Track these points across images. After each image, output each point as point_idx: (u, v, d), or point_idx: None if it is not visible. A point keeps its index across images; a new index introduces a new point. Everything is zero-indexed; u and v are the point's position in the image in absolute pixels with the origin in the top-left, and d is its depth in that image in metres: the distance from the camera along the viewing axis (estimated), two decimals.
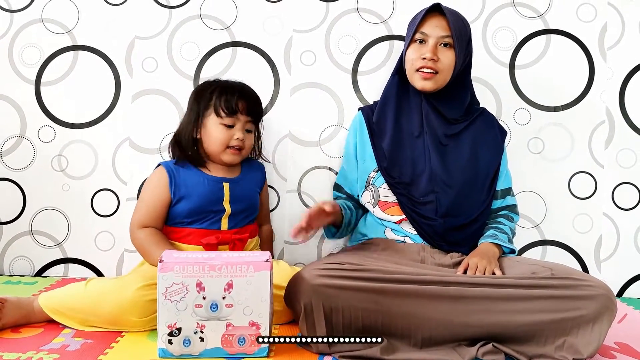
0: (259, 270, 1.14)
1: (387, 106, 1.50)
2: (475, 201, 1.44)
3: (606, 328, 1.17)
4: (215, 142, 1.42)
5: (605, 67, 1.72)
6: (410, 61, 1.44)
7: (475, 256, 1.30)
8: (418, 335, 1.19)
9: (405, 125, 1.47)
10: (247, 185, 1.49)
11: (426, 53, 1.41)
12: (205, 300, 1.14)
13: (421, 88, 1.44)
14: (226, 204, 1.43)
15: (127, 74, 1.71)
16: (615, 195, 1.73)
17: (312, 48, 1.71)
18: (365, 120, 1.53)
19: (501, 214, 1.48)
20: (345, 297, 1.16)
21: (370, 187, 1.47)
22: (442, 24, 1.41)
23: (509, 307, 1.17)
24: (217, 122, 1.42)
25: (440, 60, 1.41)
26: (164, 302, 1.14)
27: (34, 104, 1.71)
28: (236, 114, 1.42)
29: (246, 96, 1.44)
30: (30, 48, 1.71)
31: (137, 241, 1.40)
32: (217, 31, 1.71)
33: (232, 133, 1.42)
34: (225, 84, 1.46)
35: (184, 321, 1.14)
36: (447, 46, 1.41)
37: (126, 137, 1.71)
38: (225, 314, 1.15)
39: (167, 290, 1.14)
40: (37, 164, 1.72)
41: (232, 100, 1.41)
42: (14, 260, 1.73)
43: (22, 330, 1.27)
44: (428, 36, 1.42)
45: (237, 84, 1.47)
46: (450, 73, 1.42)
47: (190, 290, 1.14)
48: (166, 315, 1.14)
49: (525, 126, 1.72)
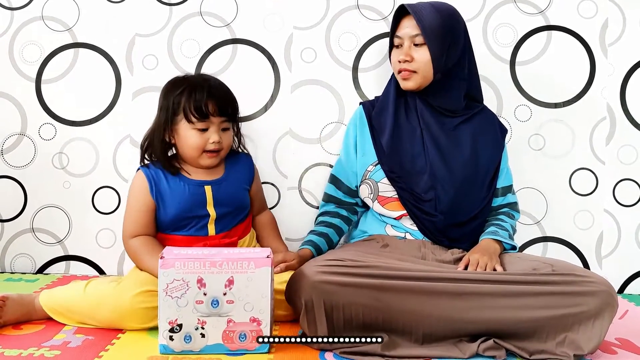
0: (259, 266, 1.14)
1: (386, 103, 1.50)
2: (475, 198, 1.44)
3: (607, 324, 1.17)
4: (190, 148, 1.36)
5: (606, 63, 1.72)
6: (393, 64, 1.48)
7: (476, 252, 1.30)
8: (419, 331, 1.19)
9: (403, 123, 1.47)
10: (232, 186, 1.43)
11: (400, 55, 1.43)
12: (206, 297, 1.14)
13: (404, 88, 1.46)
14: (210, 209, 1.38)
15: (128, 72, 1.71)
16: (617, 192, 1.73)
17: (312, 45, 1.71)
18: (365, 114, 1.53)
19: (502, 212, 1.48)
20: (346, 293, 1.16)
21: (368, 181, 1.47)
22: (412, 24, 1.42)
23: (510, 303, 1.17)
24: (189, 127, 1.34)
25: (415, 60, 1.42)
26: (165, 299, 1.14)
27: (35, 101, 1.71)
28: (208, 117, 1.33)
29: (216, 96, 1.35)
30: (31, 46, 1.71)
31: (129, 251, 1.37)
32: (217, 28, 1.71)
33: (207, 137, 1.35)
34: (193, 83, 1.36)
35: (184, 317, 1.14)
36: (420, 44, 1.41)
37: (127, 134, 1.71)
38: (226, 310, 1.15)
39: (167, 287, 1.13)
40: (38, 161, 1.72)
41: (202, 103, 1.32)
42: (16, 258, 1.73)
43: (23, 327, 1.28)
44: (402, 39, 1.44)
45: (205, 82, 1.37)
46: (430, 69, 1.42)
47: (191, 287, 1.14)
48: (167, 312, 1.14)
49: (526, 123, 1.71)
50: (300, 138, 1.71)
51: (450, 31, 1.42)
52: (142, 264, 1.34)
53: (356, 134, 1.53)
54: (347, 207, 1.56)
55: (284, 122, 1.71)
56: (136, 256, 1.36)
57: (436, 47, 1.40)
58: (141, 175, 1.39)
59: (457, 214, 1.41)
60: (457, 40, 1.44)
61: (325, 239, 1.49)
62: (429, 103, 1.46)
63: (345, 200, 1.56)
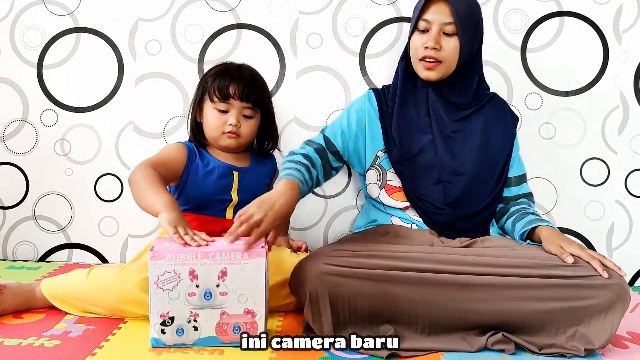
0: (254, 257, 1.11)
1: (395, 94, 1.45)
2: (485, 190, 1.40)
3: (619, 318, 1.14)
4: (210, 127, 1.42)
5: (620, 50, 1.68)
6: (414, 49, 1.39)
7: (571, 245, 1.21)
8: (425, 321, 1.17)
9: (412, 114, 1.43)
10: (256, 177, 1.48)
11: (428, 42, 1.35)
12: (198, 289, 1.11)
13: (425, 78, 1.39)
14: (234, 194, 1.42)
15: (131, 57, 1.68)
16: (629, 182, 1.69)
17: (318, 30, 1.67)
18: (376, 100, 1.46)
19: (522, 202, 1.44)
20: (351, 284, 1.14)
21: (377, 167, 1.43)
22: (445, 10, 1.34)
23: (519, 294, 1.15)
24: (211, 106, 1.41)
25: (443, 49, 1.35)
26: (156, 291, 1.11)
27: (36, 87, 1.69)
28: (228, 99, 1.39)
29: (239, 80, 1.40)
30: (32, 30, 1.69)
31: (136, 174, 1.28)
32: (221, 13, 1.68)
33: (225, 118, 1.40)
34: (227, 67, 1.44)
35: (176, 310, 1.12)
36: (451, 34, 1.35)
37: (130, 120, 1.68)
38: (220, 302, 1.12)
39: (158, 279, 1.10)
40: (40, 148, 1.70)
41: (224, 85, 1.39)
42: (18, 245, 1.72)
43: (23, 316, 1.26)
44: (431, 23, 1.35)
45: (237, 68, 1.44)
46: (455, 61, 1.37)
47: (183, 279, 1.11)
48: (158, 305, 1.11)
49: (536, 111, 1.68)
50: (305, 125, 1.68)
51: (477, 22, 1.38)
52: (144, 190, 1.25)
53: (365, 118, 1.44)
54: (324, 161, 1.40)
55: (289, 109, 1.68)
56: (142, 181, 1.26)
57: (466, 39, 1.35)
58: (181, 145, 1.44)
59: (466, 207, 1.38)
60: (480, 32, 1.40)
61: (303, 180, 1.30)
62: (442, 95, 1.41)
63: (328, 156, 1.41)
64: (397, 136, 1.41)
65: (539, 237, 1.28)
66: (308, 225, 1.70)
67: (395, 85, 1.46)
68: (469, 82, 1.42)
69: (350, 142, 1.43)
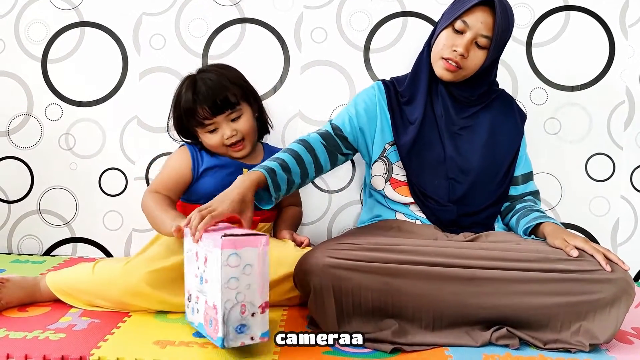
0: (215, 247, 1.03)
1: (416, 90, 1.40)
2: (491, 187, 1.39)
3: (624, 312, 1.14)
4: (214, 147, 1.44)
5: (626, 44, 1.66)
6: (440, 45, 1.35)
7: (575, 239, 1.21)
8: (429, 316, 1.16)
9: (429, 112, 1.41)
10: None
11: (459, 47, 1.31)
12: (199, 271, 1.11)
13: (439, 76, 1.36)
14: None
15: (135, 51, 1.68)
16: (634, 178, 1.68)
17: (323, 25, 1.67)
18: (385, 93, 1.43)
19: (528, 199, 1.43)
20: (355, 278, 1.14)
21: (384, 159, 1.41)
22: (488, 21, 1.30)
23: (523, 288, 1.15)
24: (202, 132, 1.43)
25: (469, 59, 1.32)
26: (187, 267, 1.16)
27: (41, 81, 1.69)
28: (206, 120, 1.40)
29: (203, 100, 1.38)
30: (37, 24, 1.69)
31: (147, 200, 1.38)
32: (226, 7, 1.67)
33: (220, 134, 1.42)
34: (181, 98, 1.41)
35: (192, 289, 1.14)
36: (482, 47, 1.32)
37: (134, 115, 1.69)
38: (205, 290, 1.09)
39: (186, 255, 1.15)
40: (45, 142, 1.70)
41: (195, 112, 1.39)
42: (23, 239, 1.72)
43: (28, 309, 1.27)
44: (468, 28, 1.31)
45: (191, 88, 1.39)
46: (474, 72, 1.35)
47: (198, 259, 1.11)
48: (187, 281, 1.16)
49: (541, 106, 1.67)
50: (310, 120, 1.67)
51: (508, 38, 1.36)
52: (153, 214, 1.34)
53: (376, 107, 1.42)
54: (330, 145, 1.37)
55: (294, 104, 1.67)
56: (151, 207, 1.36)
57: (494, 54, 1.33)
58: (185, 150, 1.46)
59: (470, 204, 1.37)
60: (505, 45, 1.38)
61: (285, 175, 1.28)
62: (452, 93, 1.40)
63: (335, 140, 1.38)
64: (413, 133, 1.38)
65: (543, 233, 1.28)
66: (312, 220, 1.70)
67: (416, 81, 1.42)
68: (481, 85, 1.40)
69: (358, 130, 1.40)
